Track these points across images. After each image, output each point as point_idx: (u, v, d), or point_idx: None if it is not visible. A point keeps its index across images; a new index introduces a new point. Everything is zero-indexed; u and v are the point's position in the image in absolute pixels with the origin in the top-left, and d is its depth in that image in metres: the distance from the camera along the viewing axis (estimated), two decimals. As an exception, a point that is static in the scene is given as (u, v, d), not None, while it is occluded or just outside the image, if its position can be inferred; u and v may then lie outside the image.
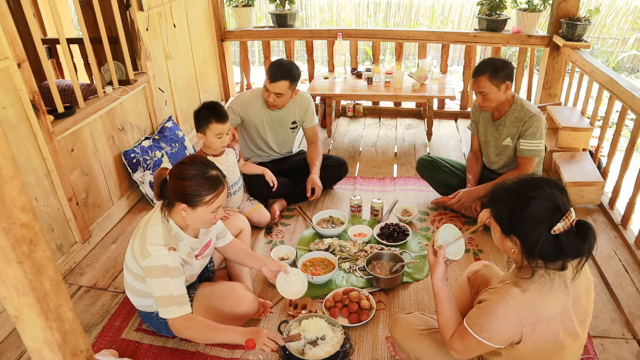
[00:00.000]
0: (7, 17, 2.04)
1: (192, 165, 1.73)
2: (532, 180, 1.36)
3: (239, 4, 4.41)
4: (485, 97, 2.50)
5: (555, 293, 1.33)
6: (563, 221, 1.26)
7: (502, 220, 1.38)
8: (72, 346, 0.89)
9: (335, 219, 2.79)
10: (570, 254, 1.29)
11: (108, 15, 2.88)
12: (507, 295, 1.32)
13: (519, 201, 1.31)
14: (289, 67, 2.71)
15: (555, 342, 1.36)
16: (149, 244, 1.73)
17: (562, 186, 1.34)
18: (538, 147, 2.52)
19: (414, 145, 3.92)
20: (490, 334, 1.34)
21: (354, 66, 4.45)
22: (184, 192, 1.69)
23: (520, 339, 1.34)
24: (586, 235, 1.28)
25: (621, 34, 7.52)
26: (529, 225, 1.29)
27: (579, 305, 1.39)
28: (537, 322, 1.32)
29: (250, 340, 1.69)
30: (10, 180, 0.72)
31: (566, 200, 1.31)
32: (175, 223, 1.81)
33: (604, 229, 2.71)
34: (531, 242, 1.29)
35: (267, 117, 2.90)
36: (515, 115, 2.56)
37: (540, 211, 1.28)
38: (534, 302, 1.32)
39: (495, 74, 2.43)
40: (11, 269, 0.76)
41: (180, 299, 1.73)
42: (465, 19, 7.95)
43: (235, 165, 2.66)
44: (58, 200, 2.46)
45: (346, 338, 1.90)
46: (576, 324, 1.37)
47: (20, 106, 2.16)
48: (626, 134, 4.63)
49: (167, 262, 1.71)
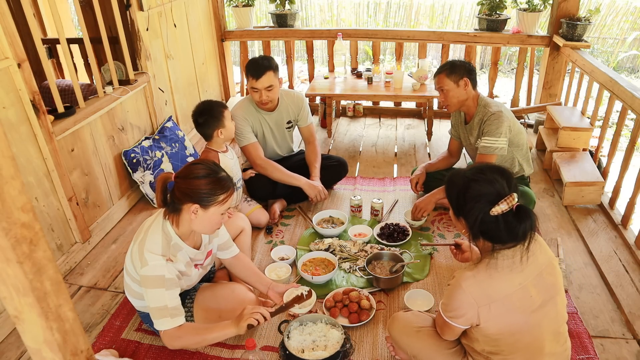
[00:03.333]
0: (7, 17, 2.04)
1: (204, 165, 1.74)
2: (480, 166, 1.50)
3: (239, 4, 4.41)
4: (445, 94, 2.57)
5: (505, 274, 1.42)
6: (501, 204, 1.37)
7: (451, 201, 1.53)
8: (72, 346, 0.89)
9: (335, 219, 2.79)
10: (507, 235, 1.40)
11: (108, 15, 2.87)
12: (461, 279, 1.45)
13: (464, 184, 1.46)
14: (265, 59, 2.71)
15: (524, 325, 1.44)
16: (147, 251, 1.72)
17: (506, 172, 1.46)
18: (494, 145, 2.51)
19: (414, 145, 3.92)
20: (452, 313, 1.49)
21: (354, 66, 4.45)
22: (197, 192, 1.68)
23: (479, 320, 1.45)
24: (522, 220, 1.38)
25: (621, 34, 7.52)
26: (469, 206, 1.43)
27: (542, 281, 1.47)
28: (491, 302, 1.42)
29: (250, 340, 1.69)
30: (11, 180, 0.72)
31: (507, 184, 1.42)
32: (176, 233, 1.78)
33: (604, 229, 2.70)
34: (471, 221, 1.43)
35: (264, 121, 2.89)
36: (479, 117, 2.59)
37: (479, 193, 1.41)
38: (484, 283, 1.43)
39: (453, 70, 2.53)
40: (11, 269, 0.76)
41: (174, 311, 1.72)
42: (465, 19, 7.94)
43: (237, 161, 2.68)
44: (58, 200, 2.46)
45: (346, 338, 1.90)
46: (537, 300, 1.45)
47: (20, 106, 2.16)
48: (626, 134, 4.63)
49: (163, 272, 1.70)
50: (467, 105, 2.61)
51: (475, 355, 1.58)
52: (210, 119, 2.45)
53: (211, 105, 2.50)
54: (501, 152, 2.53)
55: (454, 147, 2.92)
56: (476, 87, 2.60)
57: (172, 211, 1.76)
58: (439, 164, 2.96)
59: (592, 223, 2.77)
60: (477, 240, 1.47)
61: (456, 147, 2.92)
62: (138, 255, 1.74)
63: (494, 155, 2.53)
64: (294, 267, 2.44)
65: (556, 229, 2.73)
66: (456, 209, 1.51)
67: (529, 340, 1.48)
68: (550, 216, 2.85)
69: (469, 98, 2.58)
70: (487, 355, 1.53)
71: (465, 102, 2.59)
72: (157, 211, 1.86)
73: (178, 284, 1.77)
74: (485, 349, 1.53)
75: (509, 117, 2.54)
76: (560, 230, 2.72)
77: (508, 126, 2.51)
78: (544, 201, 3.00)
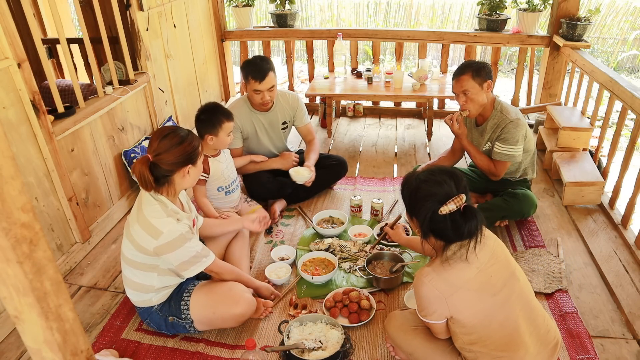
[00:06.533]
0: (7, 17, 2.04)
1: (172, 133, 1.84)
2: (432, 168, 1.58)
3: (239, 4, 4.41)
4: (468, 97, 2.45)
5: (460, 262, 1.49)
6: (449, 204, 1.45)
7: (405, 201, 1.62)
8: (72, 346, 0.89)
9: (335, 219, 2.79)
10: (453, 233, 1.47)
11: (108, 15, 2.88)
12: (421, 275, 1.54)
13: (415, 185, 1.55)
14: (264, 60, 2.71)
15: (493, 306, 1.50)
16: (154, 219, 1.78)
17: (456, 174, 1.53)
18: (510, 152, 2.49)
19: (414, 145, 3.92)
20: (425, 312, 1.55)
21: (354, 66, 4.45)
22: (186, 154, 1.82)
23: (450, 312, 1.50)
24: (468, 219, 1.45)
25: (621, 34, 7.52)
26: (419, 206, 1.52)
27: (497, 261, 1.54)
28: (456, 290, 1.49)
29: (250, 340, 1.70)
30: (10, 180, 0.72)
31: (455, 186, 1.49)
32: (168, 199, 1.87)
33: (604, 229, 2.70)
34: (421, 220, 1.51)
35: (258, 121, 2.89)
36: (495, 121, 2.53)
37: (428, 193, 1.49)
38: (444, 273, 1.50)
39: (478, 72, 2.41)
40: (11, 269, 0.76)
41: (204, 252, 1.92)
42: (465, 19, 7.95)
43: (232, 163, 2.67)
44: (58, 200, 2.46)
45: (346, 338, 1.90)
46: (498, 279, 1.52)
47: (20, 106, 2.16)
48: (626, 134, 4.63)
49: (180, 231, 1.80)
50: (484, 108, 2.53)
51: (463, 352, 1.60)
52: (208, 121, 2.43)
53: (217, 110, 2.46)
54: (517, 160, 2.53)
55: (457, 145, 2.87)
56: None
57: (160, 185, 1.85)
58: (440, 162, 2.93)
59: (592, 223, 2.77)
60: (428, 238, 1.55)
61: (459, 146, 2.87)
62: (147, 230, 1.79)
63: (509, 162, 2.53)
64: (294, 267, 2.44)
65: (556, 229, 2.73)
66: (409, 208, 1.60)
67: (502, 320, 1.51)
68: (550, 216, 2.85)
69: (487, 101, 2.50)
70: (469, 347, 1.56)
71: (484, 105, 2.50)
72: (135, 202, 1.92)
73: (193, 232, 1.91)
74: (465, 340, 1.55)
75: (525, 124, 2.51)
76: (560, 230, 2.72)
77: (524, 134, 2.50)
78: (544, 201, 3.00)
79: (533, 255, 2.47)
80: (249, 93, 2.76)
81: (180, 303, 1.95)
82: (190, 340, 2.04)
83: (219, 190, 2.61)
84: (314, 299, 2.25)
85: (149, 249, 1.81)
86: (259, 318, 2.13)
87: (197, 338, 2.05)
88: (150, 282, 1.91)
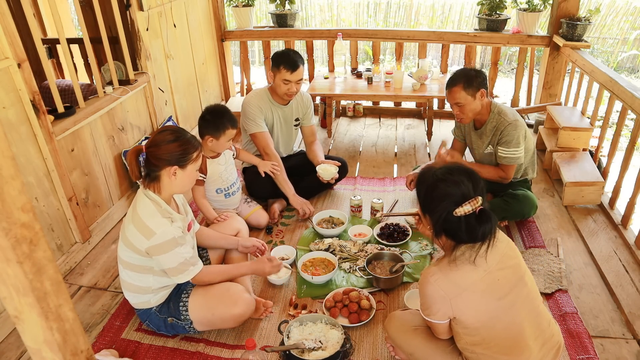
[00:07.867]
0: (7, 17, 2.04)
1: (170, 131, 1.86)
2: (450, 166, 1.53)
3: (239, 4, 4.40)
4: (461, 109, 2.47)
5: (468, 264, 1.46)
6: (465, 205, 1.42)
7: (420, 198, 1.56)
8: (72, 346, 0.89)
9: (335, 219, 2.79)
10: (466, 235, 1.45)
11: (108, 15, 2.87)
12: (427, 275, 1.51)
13: (432, 182, 1.50)
14: (297, 53, 2.78)
15: (498, 309, 1.48)
16: (148, 219, 1.78)
17: (474, 175, 1.49)
18: (514, 155, 2.51)
19: (414, 145, 3.92)
20: (428, 311, 1.53)
21: (354, 66, 4.45)
22: (174, 154, 1.80)
23: (454, 312, 1.48)
24: (483, 222, 1.42)
25: (621, 34, 7.52)
26: (434, 204, 1.48)
27: (506, 264, 1.51)
28: (461, 291, 1.47)
29: (250, 340, 1.70)
30: (10, 180, 0.72)
31: (473, 187, 1.45)
32: (161, 198, 1.86)
33: (604, 229, 2.70)
34: (435, 219, 1.48)
35: (277, 116, 2.91)
36: (493, 124, 2.54)
37: (445, 193, 1.45)
38: (450, 274, 1.47)
39: (469, 83, 2.41)
40: (11, 269, 0.76)
41: (192, 260, 1.88)
42: (465, 19, 7.94)
43: (232, 166, 2.66)
44: (58, 200, 2.46)
45: (346, 338, 1.90)
46: (505, 283, 1.49)
47: (20, 106, 2.16)
48: (626, 134, 4.63)
49: (173, 234, 1.80)
50: (480, 113, 2.55)
51: (465, 353, 1.59)
52: (212, 123, 2.43)
53: (225, 115, 2.45)
54: (521, 161, 2.55)
55: (457, 147, 2.89)
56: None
57: (151, 180, 1.85)
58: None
59: (592, 223, 2.77)
60: (439, 237, 1.52)
61: (459, 148, 2.89)
62: (139, 230, 1.79)
63: (515, 164, 2.54)
64: (294, 267, 2.44)
65: (556, 229, 2.73)
66: (423, 205, 1.56)
67: (506, 324, 1.50)
68: (550, 216, 2.85)
69: (482, 107, 2.52)
70: (471, 348, 1.55)
71: (479, 112, 2.53)
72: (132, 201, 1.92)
73: (185, 237, 1.88)
74: (468, 341, 1.54)
75: (523, 124, 2.52)
76: (560, 230, 2.72)
77: (524, 134, 2.52)
78: (544, 201, 3.00)
79: (533, 255, 2.47)
80: (276, 82, 2.76)
81: (179, 304, 1.95)
82: (190, 340, 2.04)
83: (217, 192, 2.61)
84: (314, 299, 2.25)
85: (141, 249, 1.81)
86: (259, 318, 2.13)
87: (197, 338, 2.05)
88: (147, 283, 1.91)
